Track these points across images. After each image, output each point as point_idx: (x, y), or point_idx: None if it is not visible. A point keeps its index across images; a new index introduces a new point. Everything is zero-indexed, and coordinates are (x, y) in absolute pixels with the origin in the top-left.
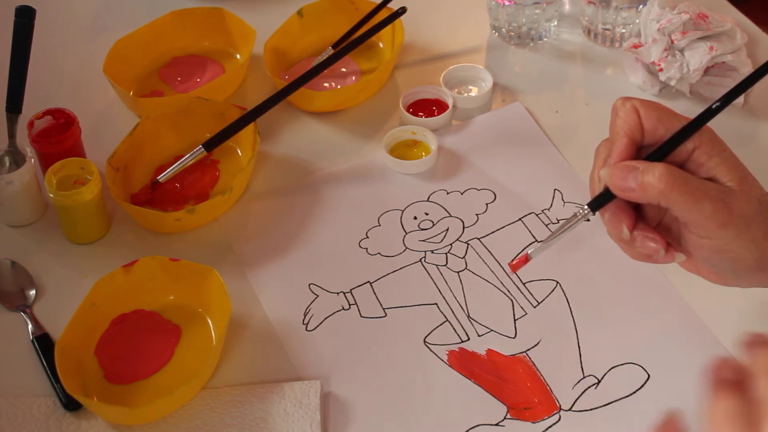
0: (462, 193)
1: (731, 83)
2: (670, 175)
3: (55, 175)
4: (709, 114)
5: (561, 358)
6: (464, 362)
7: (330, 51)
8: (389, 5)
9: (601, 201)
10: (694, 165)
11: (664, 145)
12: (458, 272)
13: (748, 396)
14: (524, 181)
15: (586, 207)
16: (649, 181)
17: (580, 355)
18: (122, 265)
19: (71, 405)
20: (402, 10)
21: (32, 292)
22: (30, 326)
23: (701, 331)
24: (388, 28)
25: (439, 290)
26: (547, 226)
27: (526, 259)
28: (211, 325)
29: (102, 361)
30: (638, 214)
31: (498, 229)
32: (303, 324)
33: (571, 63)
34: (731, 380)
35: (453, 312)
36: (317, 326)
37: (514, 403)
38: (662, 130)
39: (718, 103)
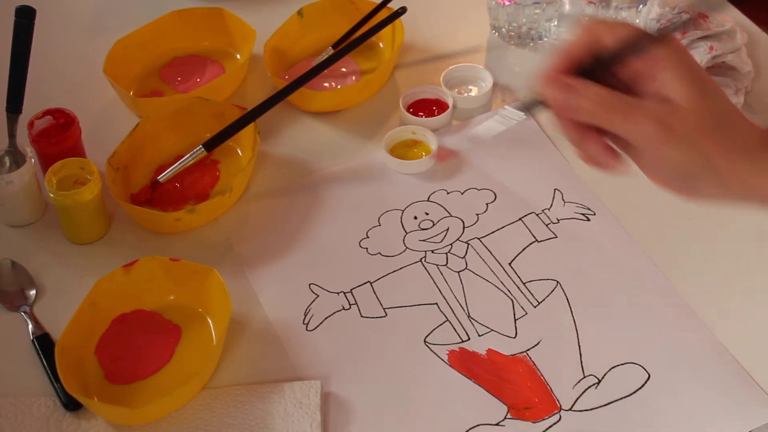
0: (462, 193)
1: (731, 83)
2: (602, 98)
3: (55, 175)
4: (649, 35)
5: (561, 358)
6: (464, 362)
7: (330, 51)
8: (389, 5)
9: (534, 105)
10: (643, 78)
11: (609, 59)
12: (458, 272)
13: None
14: (524, 181)
15: (521, 111)
16: (581, 104)
17: (581, 354)
18: (122, 265)
19: (71, 405)
20: (402, 10)
21: (32, 292)
22: (30, 326)
23: (701, 331)
24: (388, 28)
25: (440, 290)
26: (547, 226)
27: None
28: (211, 325)
29: (102, 361)
30: None
31: (498, 229)
32: (303, 324)
33: None
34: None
35: (453, 312)
36: (317, 326)
37: (514, 403)
38: (610, 40)
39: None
